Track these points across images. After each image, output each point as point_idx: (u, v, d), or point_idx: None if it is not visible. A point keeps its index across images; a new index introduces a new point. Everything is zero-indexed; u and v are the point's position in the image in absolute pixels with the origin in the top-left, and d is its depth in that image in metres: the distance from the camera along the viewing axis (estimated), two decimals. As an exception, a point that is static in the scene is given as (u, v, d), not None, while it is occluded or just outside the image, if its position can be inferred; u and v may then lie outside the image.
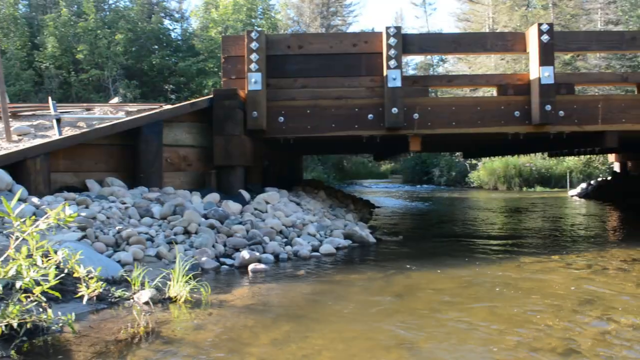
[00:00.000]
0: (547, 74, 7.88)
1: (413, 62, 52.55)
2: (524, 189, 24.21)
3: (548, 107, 7.87)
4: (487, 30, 32.72)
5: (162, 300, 4.52)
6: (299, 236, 7.07)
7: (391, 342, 3.67)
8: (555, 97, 7.99)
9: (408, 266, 6.25)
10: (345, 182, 32.73)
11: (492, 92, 11.98)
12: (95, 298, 4.26)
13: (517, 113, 8.16)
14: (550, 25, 8.05)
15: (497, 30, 30.93)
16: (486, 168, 25.55)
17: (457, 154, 26.72)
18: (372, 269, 6.03)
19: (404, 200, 19.01)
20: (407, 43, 8.22)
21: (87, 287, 3.77)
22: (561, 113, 8.13)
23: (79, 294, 3.91)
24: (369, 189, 28.39)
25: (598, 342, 3.65)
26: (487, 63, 31.34)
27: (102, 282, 4.18)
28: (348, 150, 20.12)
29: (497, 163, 24.89)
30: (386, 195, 22.37)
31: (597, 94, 12.92)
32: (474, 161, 27.17)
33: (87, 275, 3.79)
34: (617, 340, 3.67)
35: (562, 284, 5.47)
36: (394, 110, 7.91)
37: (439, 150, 22.75)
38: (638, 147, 14.34)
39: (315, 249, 6.84)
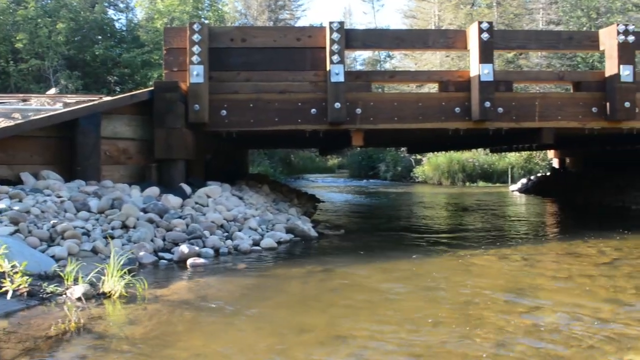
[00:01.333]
0: (486, 72, 8.04)
1: (361, 58, 52.95)
2: (467, 184, 24.65)
3: (487, 104, 8.03)
4: (433, 27, 33.14)
5: (95, 296, 4.43)
6: (240, 230, 7.03)
7: (326, 335, 3.69)
8: (495, 94, 8.15)
9: (348, 260, 6.30)
10: (292, 177, 32.73)
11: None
12: (25, 294, 4.15)
13: (457, 109, 8.29)
14: (490, 23, 8.20)
15: (443, 28, 31.36)
16: (431, 163, 25.92)
17: (402, 149, 27.02)
18: (312, 263, 6.05)
19: (350, 195, 19.13)
20: (351, 38, 8.25)
21: (12, 282, 3.66)
22: (500, 110, 8.29)
23: (2, 289, 3.80)
24: (315, 183, 28.46)
25: (528, 333, 3.74)
26: (432, 60, 31.76)
27: (29, 277, 4.07)
28: (294, 145, 20.12)
29: (441, 158, 25.27)
30: (332, 189, 22.46)
31: (535, 91, 13.22)
32: (419, 156, 27.51)
33: (11, 270, 3.68)
34: (547, 332, 3.77)
35: (497, 276, 5.60)
36: (337, 105, 7.93)
37: (383, 145, 22.96)
38: (576, 144, 14.77)
39: (256, 243, 6.81)
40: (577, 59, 26.78)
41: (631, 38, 8.32)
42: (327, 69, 8.05)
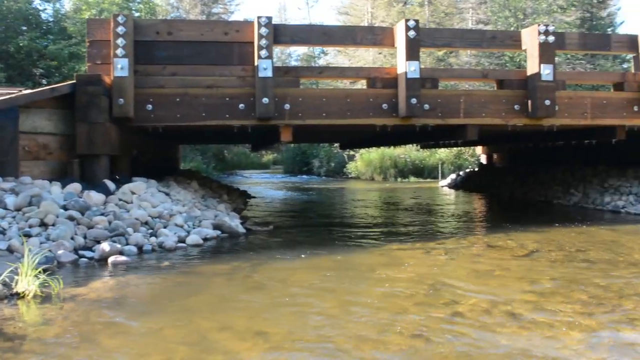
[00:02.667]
0: (413, 69, 8.14)
1: (296, 54, 52.92)
2: (399, 179, 25.02)
3: (414, 101, 8.14)
4: (366, 25, 33.38)
5: (8, 296, 4.28)
6: (165, 227, 6.91)
7: (248, 331, 3.67)
8: (421, 91, 8.26)
9: (275, 256, 6.28)
10: (225, 173, 32.44)
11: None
12: None
13: (385, 105, 8.37)
14: (417, 21, 8.31)
15: (376, 25, 31.59)
16: (363, 159, 26.18)
17: (336, 145, 27.17)
18: (238, 259, 6.01)
19: (283, 191, 19.11)
20: (279, 34, 8.21)
21: None
22: (426, 106, 8.42)
23: None
24: (249, 179, 28.31)
25: (445, 325, 3.82)
26: (365, 56, 32.03)
27: None
28: (225, 141, 19.93)
29: (373, 154, 25.55)
30: (265, 185, 22.39)
31: (461, 89, 13.50)
32: (352, 152, 27.73)
33: None
34: (465, 324, 3.85)
35: (420, 270, 5.69)
36: (265, 100, 7.88)
37: (313, 141, 23.02)
38: (502, 141, 15.17)
39: (181, 240, 6.72)
40: (504, 58, 27.48)
41: (551, 38, 8.58)
42: (255, 64, 7.99)
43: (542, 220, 9.25)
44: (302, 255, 6.30)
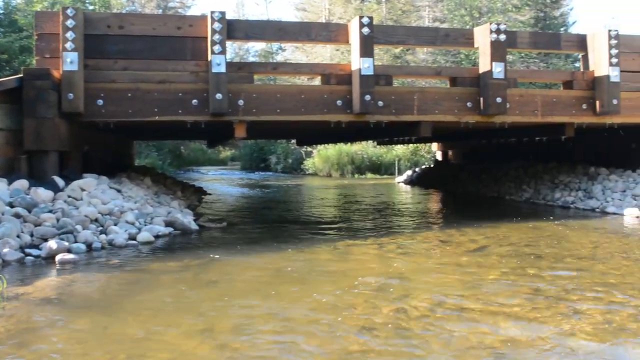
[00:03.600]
0: (367, 65, 8.16)
1: (253, 50, 52.59)
2: (356, 176, 25.12)
3: (368, 97, 8.16)
4: (324, 21, 33.38)
5: (-51, 296, 4.15)
6: (116, 224, 6.80)
7: (195, 329, 3.64)
8: (375, 88, 8.29)
9: (227, 253, 6.24)
10: (182, 169, 32.15)
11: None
12: None
13: (339, 102, 8.38)
14: (371, 18, 8.33)
15: (334, 22, 31.63)
16: (321, 156, 26.21)
17: (293, 141, 27.14)
18: (189, 257, 5.95)
19: (239, 187, 19.02)
20: (233, 29, 8.15)
21: None
22: (380, 103, 8.46)
23: None
24: (205, 175, 28.08)
25: (394, 319, 3.84)
26: (322, 53, 32.04)
27: None
28: (180, 137, 19.71)
29: (331, 151, 25.61)
30: (222, 182, 22.25)
31: (415, 86, 13.60)
32: (309, 149, 27.74)
33: None
34: (413, 319, 3.89)
35: (372, 265, 5.73)
36: (218, 96, 7.81)
37: (269, 137, 22.94)
38: (456, 137, 15.36)
39: (132, 237, 6.62)
40: (460, 56, 27.83)
41: (503, 37, 8.71)
42: (209, 59, 7.92)
43: (494, 216, 9.40)
44: (254, 252, 6.28)
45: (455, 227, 8.20)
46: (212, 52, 7.87)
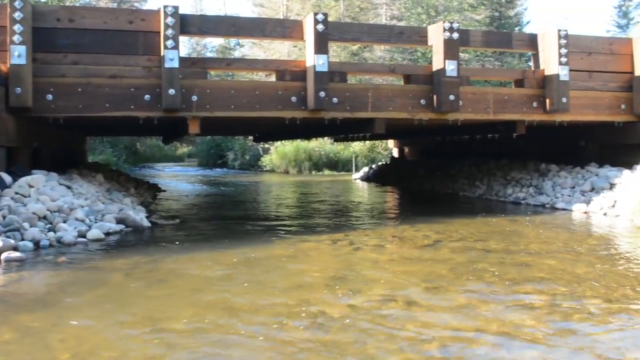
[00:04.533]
0: (321, 62, 8.17)
1: (211, 45, 52.16)
2: (313, 172, 25.16)
3: (322, 94, 8.17)
4: (282, 17, 33.26)
5: None
6: (65, 222, 6.67)
7: (142, 328, 3.59)
8: (329, 85, 8.30)
9: (178, 250, 6.19)
10: (137, 166, 31.70)
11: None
12: None
13: (294, 98, 8.37)
14: (325, 15, 8.34)
15: (291, 18, 31.54)
16: (278, 152, 26.17)
17: (250, 137, 27.02)
18: (140, 254, 5.87)
19: (195, 184, 18.85)
20: (186, 24, 8.05)
21: None
22: (335, 100, 8.48)
23: None
24: (162, 172, 27.76)
25: (344, 314, 3.86)
26: (280, 49, 31.96)
27: None
28: (134, 133, 19.43)
29: (288, 147, 25.58)
30: (178, 178, 22.02)
31: (369, 83, 13.65)
32: (267, 145, 27.66)
33: None
34: (362, 313, 3.91)
35: (325, 261, 5.75)
36: (171, 91, 7.72)
37: (225, 133, 22.77)
38: (412, 134, 15.50)
39: (82, 235, 6.50)
40: (417, 54, 28.06)
41: (456, 35, 8.81)
42: (162, 54, 7.82)
43: (448, 212, 9.52)
44: (206, 250, 6.23)
45: (409, 223, 8.28)
46: (165, 47, 7.77)
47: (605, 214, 9.05)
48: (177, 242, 6.61)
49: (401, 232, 7.45)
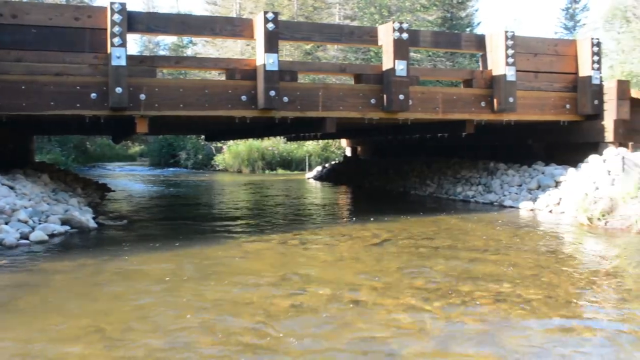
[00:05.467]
0: (271, 61, 8.14)
1: (164, 43, 51.50)
2: (267, 171, 25.08)
3: (272, 93, 8.14)
4: (235, 16, 33.07)
5: None
6: (7, 223, 6.49)
7: (84, 329, 3.53)
8: (280, 84, 8.27)
9: (125, 251, 6.09)
10: (87, 165, 31.10)
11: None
12: None
13: (244, 97, 8.31)
14: (276, 14, 8.31)
15: (241, 17, 31.36)
16: (231, 151, 25.99)
17: (203, 136, 26.78)
18: (84, 256, 5.76)
19: (147, 184, 18.59)
20: (133, 21, 7.91)
21: None
22: (285, 99, 8.45)
23: None
24: (112, 172, 27.27)
25: (290, 314, 3.86)
26: (233, 48, 31.77)
27: None
28: (83, 132, 19.03)
29: (241, 147, 25.44)
30: (129, 178, 21.67)
31: (320, 82, 13.69)
32: (219, 144, 27.46)
33: None
34: (309, 312, 3.91)
35: (272, 260, 5.74)
36: (118, 90, 7.58)
37: (175, 132, 22.48)
38: (364, 133, 15.59)
39: (25, 237, 6.34)
40: (370, 53, 28.22)
41: (405, 35, 8.89)
42: (109, 51, 7.67)
43: (398, 211, 9.59)
44: (154, 250, 6.15)
45: (360, 222, 8.33)
46: (112, 45, 7.63)
47: (550, 211, 9.26)
48: (124, 244, 6.49)
49: (351, 231, 7.48)
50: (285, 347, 3.27)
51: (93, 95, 7.72)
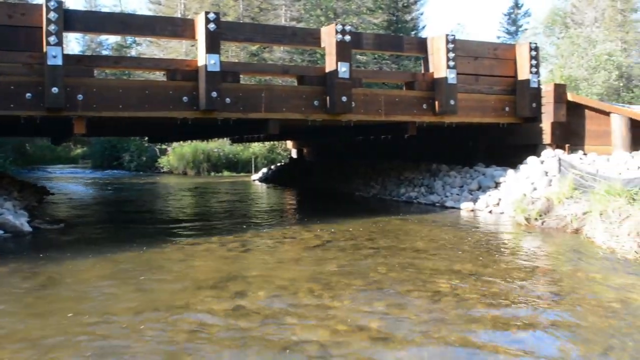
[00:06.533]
0: (213, 62, 8.05)
1: (107, 42, 50.50)
2: (212, 173, 24.84)
3: (214, 94, 8.06)
4: (180, 16, 32.66)
5: None
6: None
7: (13, 337, 3.42)
8: (222, 85, 8.20)
9: (61, 255, 5.92)
10: (26, 168, 30.18)
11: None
12: None
13: (185, 98, 8.20)
14: (217, 14, 8.24)
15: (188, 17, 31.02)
16: (176, 153, 25.66)
17: (147, 138, 26.35)
18: (19, 260, 5.59)
19: (88, 186, 18.18)
20: (71, 20, 7.72)
21: None
22: (228, 100, 8.37)
23: None
24: (53, 174, 26.56)
25: (226, 318, 3.82)
26: (178, 48, 31.36)
27: None
28: (19, 133, 18.44)
29: (186, 148, 25.13)
30: (70, 181, 21.15)
31: (263, 84, 13.59)
32: (164, 146, 27.07)
33: None
34: (245, 317, 3.88)
35: (214, 263, 5.69)
36: (55, 90, 7.38)
37: (116, 134, 22.00)
38: (309, 135, 15.61)
39: (-46, 242, 6.12)
40: (317, 55, 28.29)
41: (348, 37, 8.93)
42: (44, 50, 7.47)
43: (342, 212, 9.63)
44: (91, 254, 6.00)
45: (303, 224, 8.33)
46: (48, 43, 7.42)
47: (490, 212, 9.45)
48: (61, 248, 6.32)
49: (294, 233, 7.47)
50: (218, 352, 3.23)
51: (28, 95, 7.50)
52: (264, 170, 21.17)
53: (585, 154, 10.08)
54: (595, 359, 3.19)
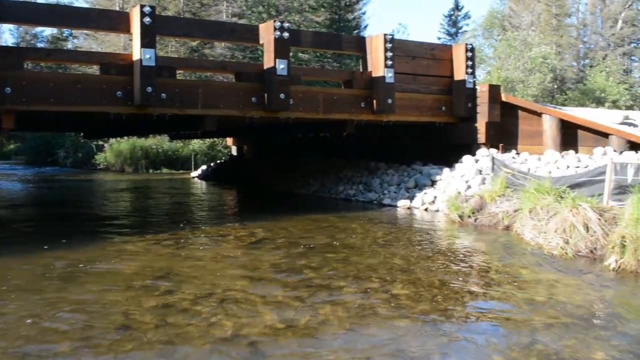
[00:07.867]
0: (148, 56, 7.91)
1: (43, 35, 49.05)
2: (151, 170, 24.41)
3: (149, 89, 7.91)
4: (118, 9, 31.99)
5: None
6: None
7: None
8: (157, 80, 8.06)
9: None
10: (-46, 164, 29.09)
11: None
12: None
13: (119, 93, 8.02)
14: (153, 8, 8.09)
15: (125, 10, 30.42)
16: (113, 150, 25.10)
17: (82, 134, 25.70)
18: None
19: (20, 183, 17.63)
20: (2, 9, 7.46)
21: None
22: (163, 96, 8.23)
23: None
24: (-17, 170, 25.67)
25: (157, 314, 3.78)
26: (116, 42, 30.69)
27: None
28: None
29: (123, 145, 24.61)
30: (1, 177, 20.45)
31: (200, 80, 13.49)
32: (101, 142, 26.46)
33: None
34: (176, 313, 3.83)
35: (145, 260, 5.59)
36: (-20, 82, 7.13)
37: (49, 129, 21.34)
38: (248, 133, 15.52)
39: None
40: (258, 52, 28.13)
41: (286, 35, 8.91)
42: (-30, 41, 7.20)
43: (280, 209, 9.63)
44: (19, 252, 5.84)
45: (239, 221, 8.28)
46: (-27, 34, 7.15)
47: (426, 209, 9.60)
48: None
49: (230, 231, 7.42)
50: (148, 349, 3.18)
51: (-48, 88, 7.21)
52: (204, 167, 20.95)
53: (518, 153, 10.35)
54: (518, 350, 3.27)
